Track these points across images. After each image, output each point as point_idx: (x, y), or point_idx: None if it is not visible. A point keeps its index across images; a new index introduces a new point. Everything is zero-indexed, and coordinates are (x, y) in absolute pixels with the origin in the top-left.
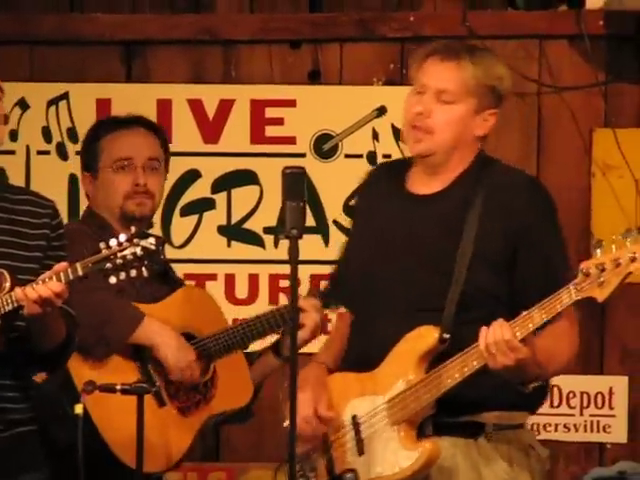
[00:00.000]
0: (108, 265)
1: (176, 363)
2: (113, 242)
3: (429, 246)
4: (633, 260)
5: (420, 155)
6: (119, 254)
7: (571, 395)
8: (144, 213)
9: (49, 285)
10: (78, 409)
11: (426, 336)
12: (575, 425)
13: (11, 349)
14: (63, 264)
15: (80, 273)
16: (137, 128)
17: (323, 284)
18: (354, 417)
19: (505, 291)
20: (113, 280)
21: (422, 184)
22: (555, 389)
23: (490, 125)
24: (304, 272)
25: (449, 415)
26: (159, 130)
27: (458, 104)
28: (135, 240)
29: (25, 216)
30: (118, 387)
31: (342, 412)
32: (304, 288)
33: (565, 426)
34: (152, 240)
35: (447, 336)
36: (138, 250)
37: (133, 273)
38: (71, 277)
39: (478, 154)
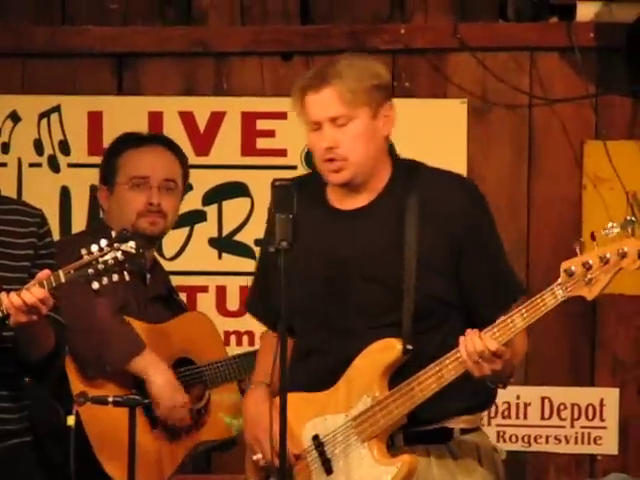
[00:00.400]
0: (90, 271)
1: (166, 403)
2: (94, 248)
3: (373, 262)
4: (623, 256)
5: (344, 183)
6: (100, 259)
7: (562, 407)
8: (155, 232)
9: (32, 291)
10: (70, 421)
11: (389, 349)
12: (566, 437)
13: (0, 359)
14: (46, 271)
15: (63, 280)
16: (157, 146)
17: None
18: (315, 437)
19: (456, 296)
20: (96, 286)
21: (347, 199)
22: (546, 401)
23: (392, 119)
24: None
25: (418, 424)
26: (180, 152)
27: (354, 120)
28: (115, 245)
29: (12, 226)
30: (110, 399)
31: (300, 434)
32: None
33: (556, 438)
34: (132, 244)
35: (410, 347)
36: (119, 254)
37: (115, 277)
38: (54, 284)
39: (396, 159)
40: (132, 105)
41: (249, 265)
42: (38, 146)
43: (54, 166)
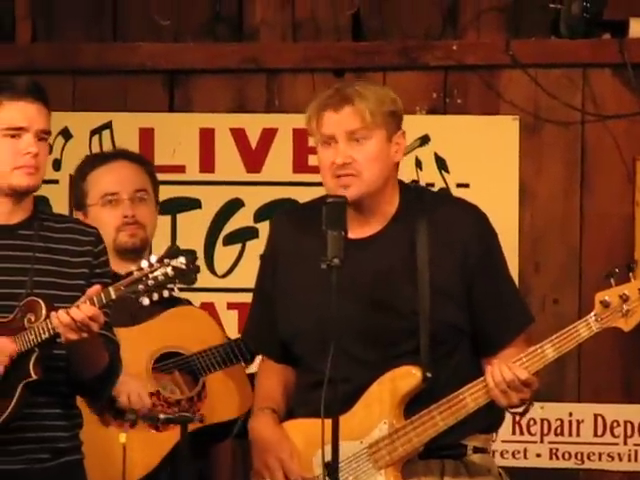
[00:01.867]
0: (140, 287)
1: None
2: (144, 264)
3: (386, 289)
4: None
5: (353, 200)
6: (151, 275)
7: (615, 424)
8: (137, 244)
9: (82, 308)
10: (122, 438)
11: (408, 376)
12: (619, 454)
13: (54, 377)
14: (96, 287)
15: (113, 296)
16: (121, 161)
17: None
18: (327, 464)
19: (467, 322)
20: (146, 302)
21: (358, 227)
22: (599, 418)
23: (403, 147)
24: None
25: (434, 440)
26: (144, 161)
27: (371, 139)
28: (165, 260)
29: (67, 244)
30: (161, 416)
31: (311, 460)
32: None
33: (609, 455)
34: (182, 259)
35: (429, 375)
36: (169, 270)
37: (166, 293)
38: (104, 301)
39: (403, 185)
40: (183, 122)
41: None
42: None
43: None
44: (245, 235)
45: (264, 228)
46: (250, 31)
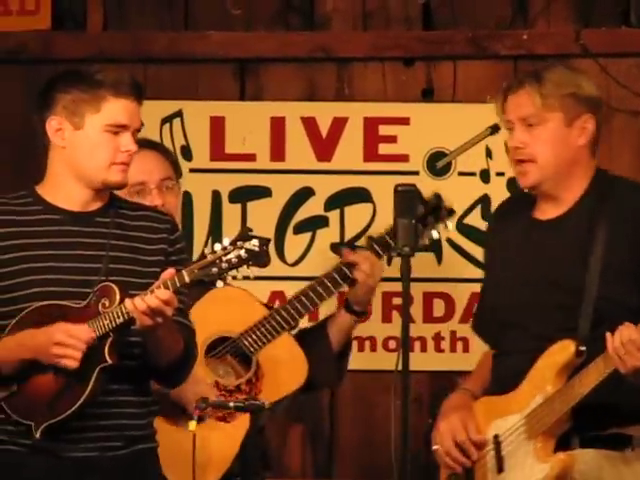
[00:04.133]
0: (214, 270)
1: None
2: (217, 247)
3: (557, 267)
4: None
5: (531, 188)
6: (224, 258)
7: None
8: None
9: (156, 293)
10: (191, 426)
11: (563, 350)
12: None
13: (128, 364)
14: (170, 271)
15: (187, 280)
16: (145, 151)
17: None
18: (496, 436)
19: (637, 302)
20: (220, 284)
21: (546, 210)
22: None
23: (590, 131)
24: (417, 290)
25: (596, 428)
26: (166, 150)
27: (545, 123)
28: (239, 243)
29: (143, 232)
30: (231, 404)
31: (486, 433)
32: (417, 307)
33: None
34: (255, 242)
35: (583, 348)
36: (242, 252)
37: (240, 276)
38: (178, 284)
39: (597, 172)
40: (254, 110)
41: None
42: None
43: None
44: (315, 224)
45: (334, 217)
46: (321, 20)
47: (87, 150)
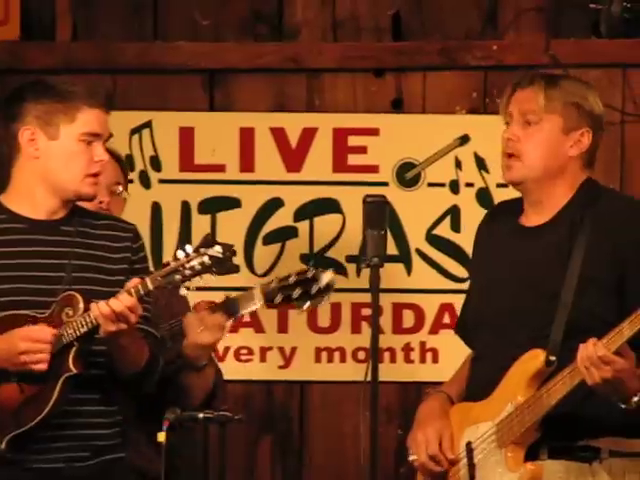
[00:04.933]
0: (177, 277)
1: None
2: (180, 254)
3: (533, 270)
4: None
5: (512, 183)
6: (187, 265)
7: None
8: None
9: (120, 298)
10: (161, 437)
11: (533, 358)
12: None
13: (94, 373)
14: (135, 280)
15: (150, 287)
16: None
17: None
18: (468, 444)
19: (615, 315)
20: (184, 292)
21: (531, 216)
22: None
23: (584, 145)
24: (386, 301)
25: (565, 438)
26: (121, 160)
27: (543, 123)
28: (202, 250)
29: (106, 240)
30: (201, 416)
31: (459, 440)
32: (387, 317)
33: None
34: (218, 248)
35: (553, 358)
36: (206, 259)
37: (202, 283)
38: (142, 292)
39: (586, 182)
40: (223, 121)
41: (340, 281)
42: (129, 162)
43: (145, 182)
44: (285, 234)
45: (304, 227)
46: (290, 31)
47: (62, 160)
